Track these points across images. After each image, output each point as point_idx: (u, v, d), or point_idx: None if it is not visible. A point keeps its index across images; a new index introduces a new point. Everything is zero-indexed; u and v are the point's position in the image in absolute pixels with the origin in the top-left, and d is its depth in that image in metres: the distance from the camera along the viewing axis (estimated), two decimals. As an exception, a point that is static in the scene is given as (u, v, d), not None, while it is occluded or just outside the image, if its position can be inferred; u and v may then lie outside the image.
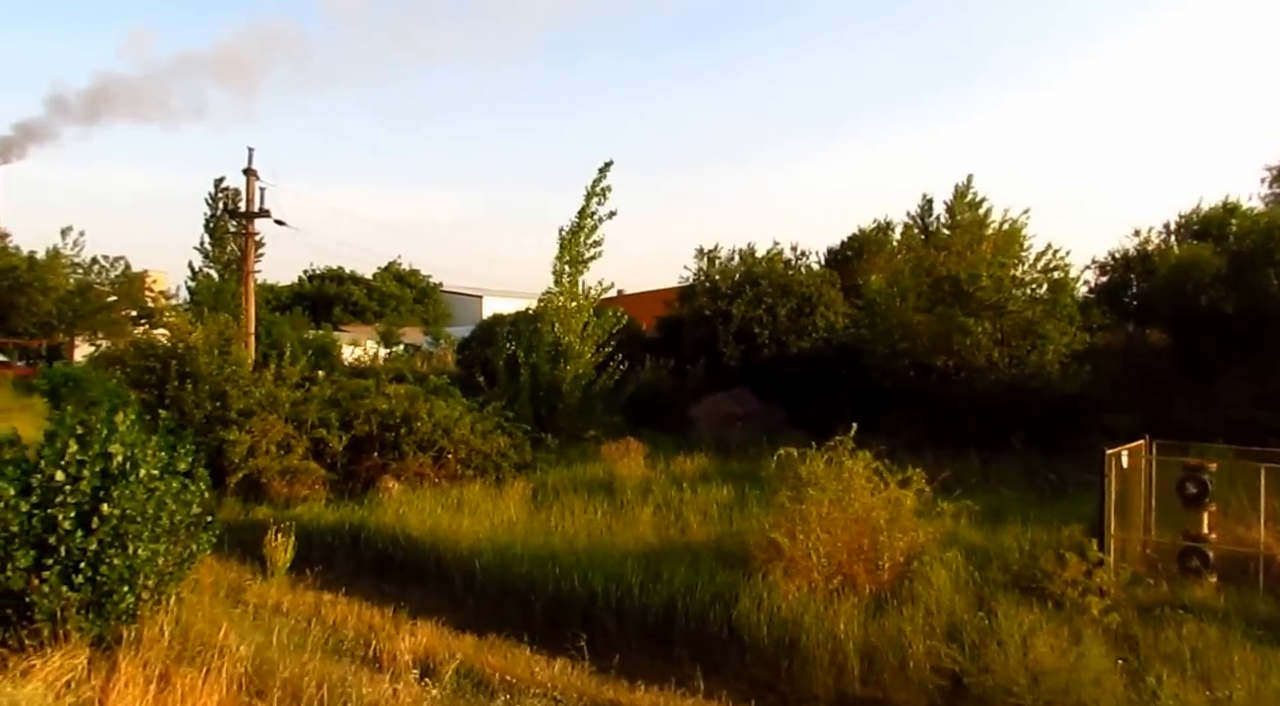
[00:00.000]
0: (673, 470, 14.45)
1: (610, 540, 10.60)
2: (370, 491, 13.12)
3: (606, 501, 12.40)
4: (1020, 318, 15.92)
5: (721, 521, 11.49)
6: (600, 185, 19.81)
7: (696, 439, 18.89)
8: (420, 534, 10.67)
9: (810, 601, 7.85)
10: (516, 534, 10.77)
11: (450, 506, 12.06)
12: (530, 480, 13.64)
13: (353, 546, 10.81)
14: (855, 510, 8.71)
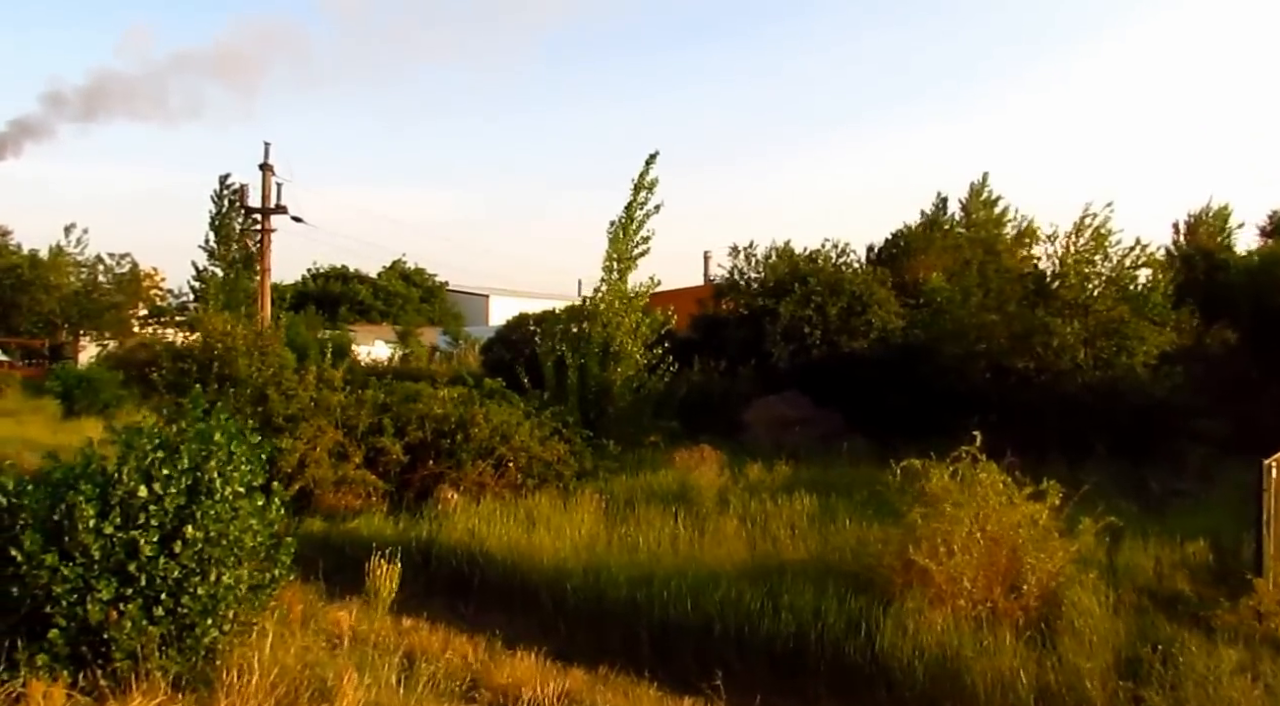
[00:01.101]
0: (748, 479, 13.74)
1: (700, 557, 9.90)
2: (427, 503, 12.43)
3: (684, 513, 11.73)
4: (1108, 317, 15.24)
5: (813, 536, 10.79)
6: (647, 177, 19.14)
7: (753, 445, 18.22)
8: (498, 551, 9.98)
9: (962, 631, 7.16)
10: (599, 551, 10.07)
11: (520, 520, 11.36)
12: (597, 490, 12.94)
13: (423, 564, 10.12)
14: (994, 528, 8.02)
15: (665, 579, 8.62)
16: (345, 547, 10.78)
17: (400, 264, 63.27)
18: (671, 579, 8.58)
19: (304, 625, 7.18)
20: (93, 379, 22.24)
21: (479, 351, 31.89)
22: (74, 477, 6.04)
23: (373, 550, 10.20)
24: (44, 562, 5.65)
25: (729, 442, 18.87)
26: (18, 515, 5.88)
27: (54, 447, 16.04)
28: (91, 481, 6.03)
